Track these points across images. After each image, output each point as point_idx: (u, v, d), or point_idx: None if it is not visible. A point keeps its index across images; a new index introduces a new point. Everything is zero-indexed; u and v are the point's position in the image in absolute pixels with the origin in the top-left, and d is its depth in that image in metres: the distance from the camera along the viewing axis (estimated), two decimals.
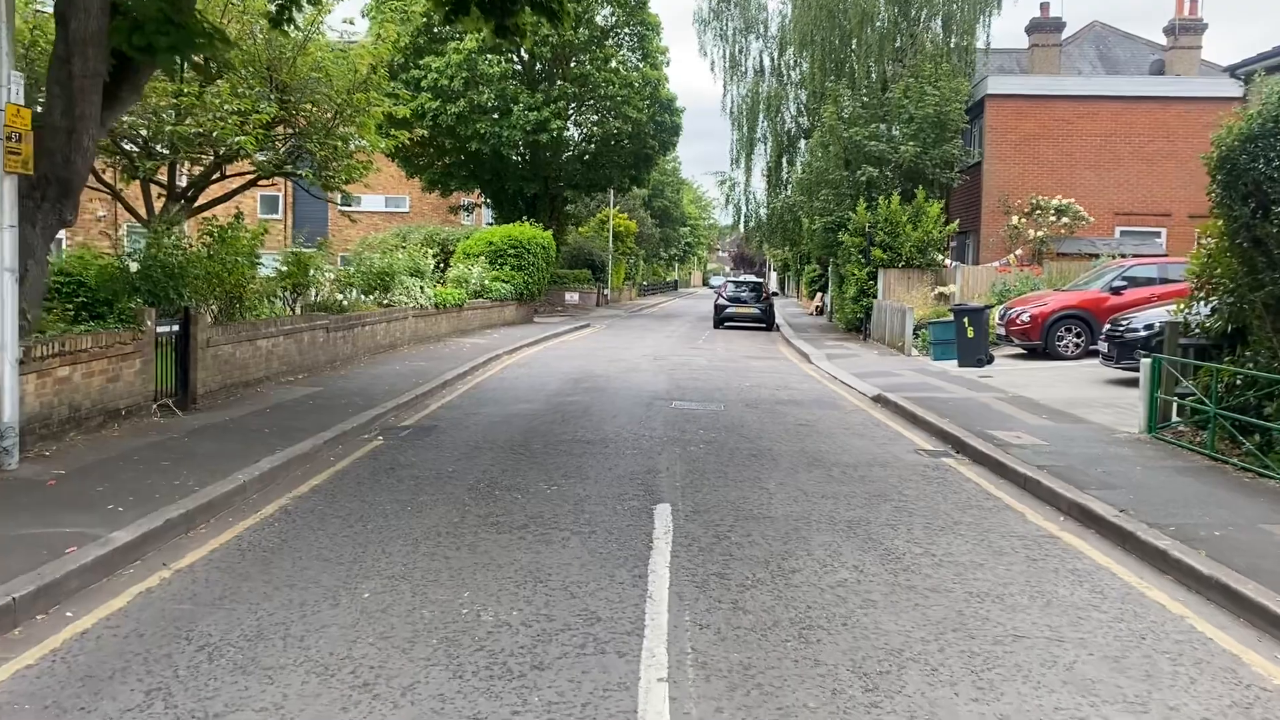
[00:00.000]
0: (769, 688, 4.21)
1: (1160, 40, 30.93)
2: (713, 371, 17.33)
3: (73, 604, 5.03)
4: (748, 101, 35.27)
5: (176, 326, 10.54)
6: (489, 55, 30.89)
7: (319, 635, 4.69)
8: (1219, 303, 9.67)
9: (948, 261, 25.15)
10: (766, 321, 31.46)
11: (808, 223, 29.03)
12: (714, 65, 39.13)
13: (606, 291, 47.03)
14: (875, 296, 24.75)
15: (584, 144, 35.98)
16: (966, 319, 17.22)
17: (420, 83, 30.26)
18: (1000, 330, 18.59)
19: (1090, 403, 12.36)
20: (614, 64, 33.15)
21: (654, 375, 16.39)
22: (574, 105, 34.14)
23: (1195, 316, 10.32)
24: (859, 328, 25.93)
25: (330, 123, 16.42)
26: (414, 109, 25.77)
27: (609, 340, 25.03)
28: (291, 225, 41.47)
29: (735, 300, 31.92)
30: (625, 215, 55.60)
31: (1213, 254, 9.62)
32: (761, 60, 35.69)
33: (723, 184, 50.39)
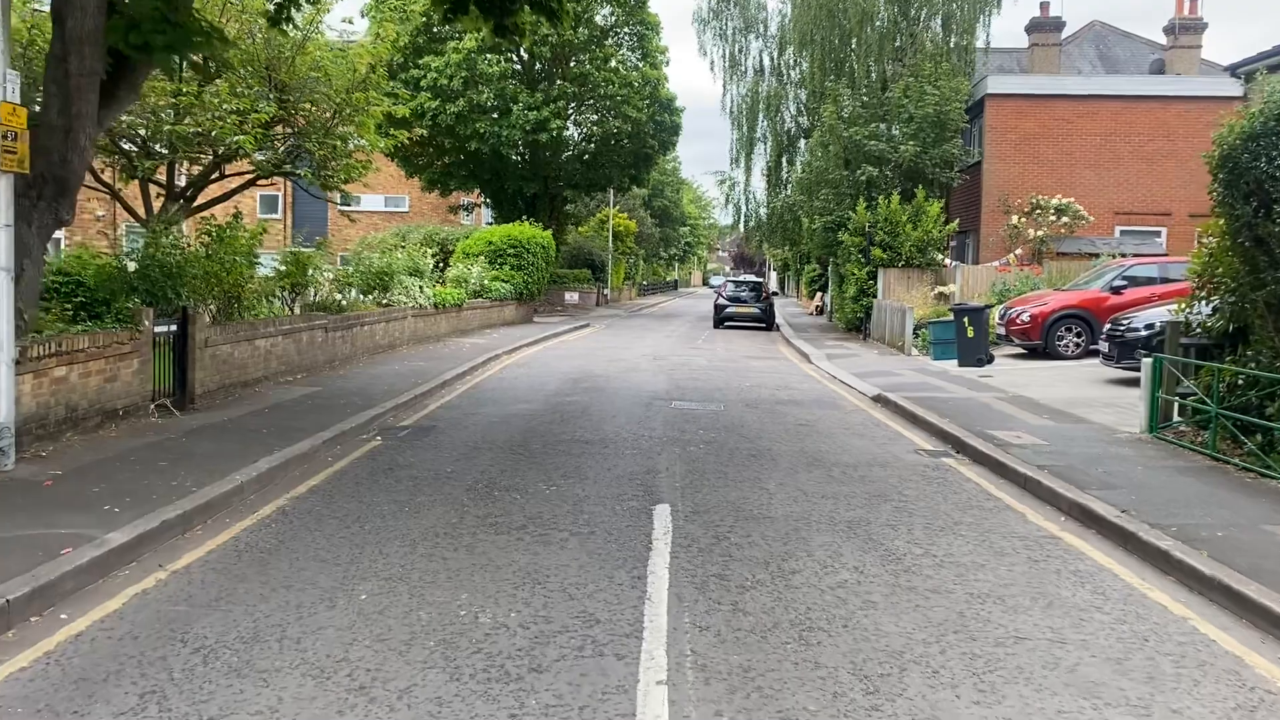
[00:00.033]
0: (769, 690, 4.17)
1: (1160, 40, 30.91)
2: (712, 371, 17.29)
3: (67, 606, 4.99)
4: (747, 101, 35.22)
5: (174, 326, 10.51)
6: (488, 55, 30.87)
7: (315, 637, 4.66)
8: (1220, 302, 9.63)
9: (948, 261, 25.11)
10: (766, 321, 31.42)
11: (807, 222, 29.00)
12: (713, 65, 39.21)
13: (606, 291, 47.00)
14: (875, 296, 24.71)
15: (583, 144, 35.96)
16: (966, 319, 17.19)
17: (420, 82, 30.23)
18: (1000, 330, 18.55)
19: (1091, 402, 12.33)
20: (613, 63, 33.14)
21: (653, 375, 16.36)
22: (573, 105, 34.11)
23: (1196, 316, 10.28)
24: (859, 327, 25.89)
25: (329, 122, 16.41)
26: (413, 108, 25.75)
27: (608, 340, 25.00)
28: (291, 225, 41.43)
29: (735, 300, 31.88)
30: (625, 215, 55.57)
31: (1214, 253, 9.58)
32: (761, 60, 35.67)
33: (722, 184, 50.41)
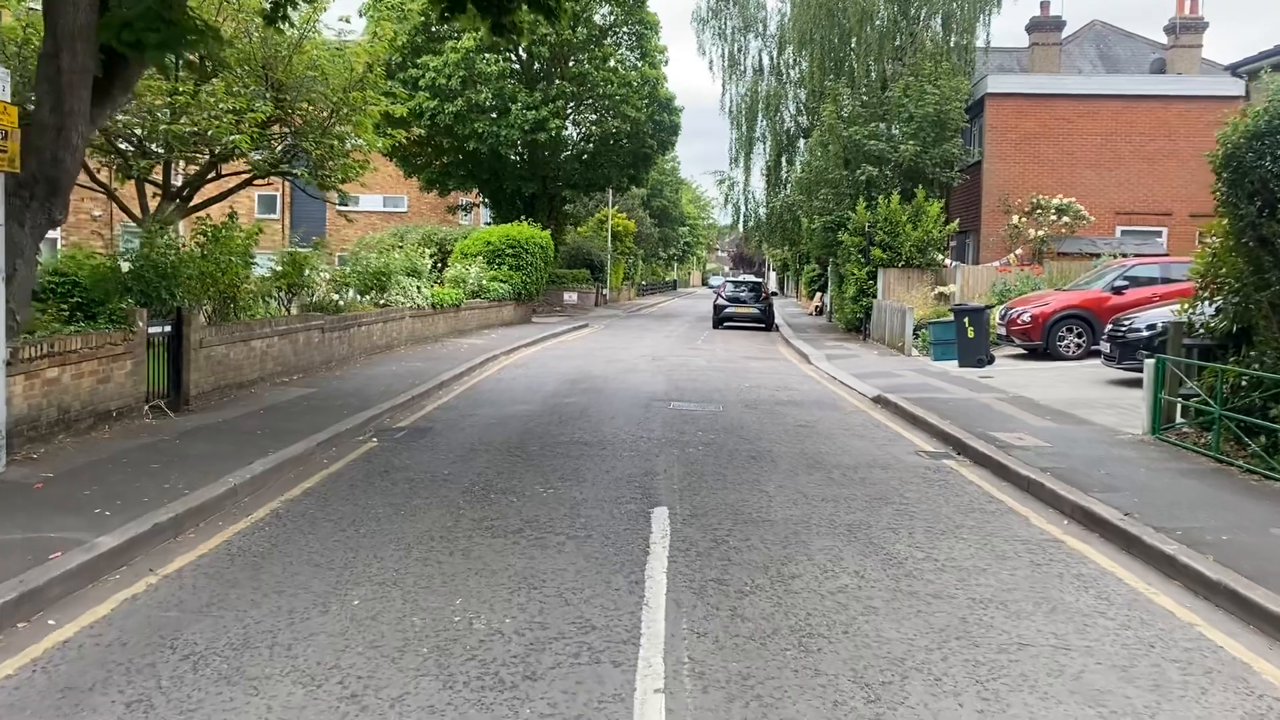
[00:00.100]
0: (768, 699, 4.09)
1: (1161, 39, 30.83)
2: (711, 372, 17.21)
3: (55, 611, 4.91)
4: (746, 100, 35.14)
5: (169, 327, 10.43)
6: (487, 54, 30.80)
7: (307, 644, 4.57)
8: (1224, 302, 9.55)
9: (948, 261, 25.04)
10: (766, 321, 31.34)
11: (807, 222, 28.92)
12: (712, 64, 39.17)
13: (605, 291, 46.93)
14: (875, 296, 24.63)
15: (582, 143, 35.88)
16: (967, 319, 17.11)
17: (418, 82, 30.14)
18: (1001, 330, 18.47)
19: (1092, 403, 12.25)
20: (612, 63, 33.06)
21: (652, 376, 16.28)
22: (572, 104, 34.03)
23: (1199, 316, 10.21)
24: (859, 328, 25.81)
25: (326, 121, 16.32)
26: (411, 108, 25.64)
27: (607, 340, 24.92)
28: (289, 225, 41.35)
29: (734, 300, 31.80)
30: (624, 215, 55.48)
31: (1217, 253, 9.51)
32: (760, 59, 35.61)
33: (722, 183, 50.31)
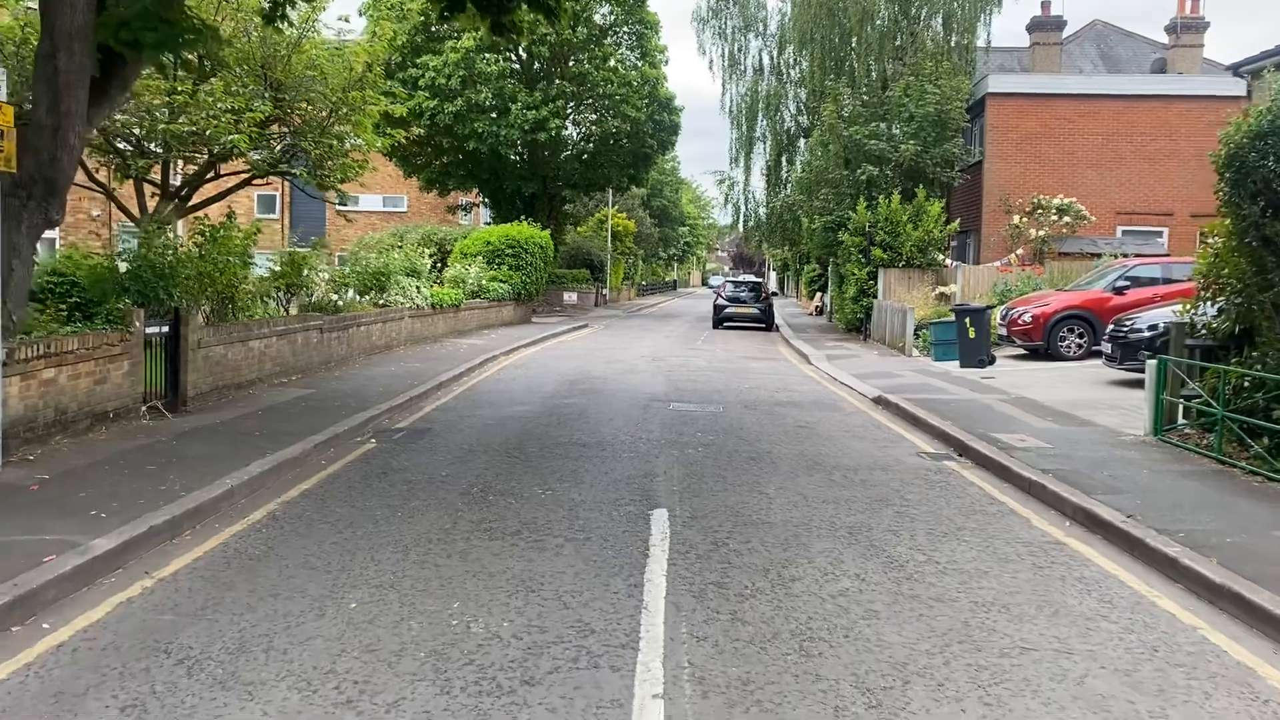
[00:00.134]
0: (768, 704, 4.05)
1: (1162, 39, 30.81)
2: (711, 373, 17.17)
3: (50, 615, 4.87)
4: (747, 100, 35.09)
5: (166, 327, 10.39)
6: (487, 54, 30.75)
7: (303, 648, 4.53)
8: (1226, 303, 9.52)
9: (948, 261, 25.00)
10: (766, 322, 31.30)
11: (807, 222, 28.88)
12: (713, 64, 39.11)
13: (605, 291, 46.88)
14: (875, 296, 24.59)
15: (582, 143, 35.83)
16: (968, 319, 17.07)
17: (418, 81, 30.09)
18: (1002, 331, 18.43)
19: (1094, 404, 12.21)
20: (612, 63, 33.01)
21: (652, 376, 16.24)
22: (572, 104, 33.98)
23: (1201, 317, 10.18)
24: (859, 328, 25.77)
25: (326, 121, 16.28)
26: (411, 108, 25.59)
27: (607, 341, 24.88)
28: (288, 225, 41.28)
29: (734, 300, 31.76)
30: (624, 215, 55.43)
31: (1220, 253, 9.47)
32: (761, 59, 35.56)
33: (722, 183, 50.30)
